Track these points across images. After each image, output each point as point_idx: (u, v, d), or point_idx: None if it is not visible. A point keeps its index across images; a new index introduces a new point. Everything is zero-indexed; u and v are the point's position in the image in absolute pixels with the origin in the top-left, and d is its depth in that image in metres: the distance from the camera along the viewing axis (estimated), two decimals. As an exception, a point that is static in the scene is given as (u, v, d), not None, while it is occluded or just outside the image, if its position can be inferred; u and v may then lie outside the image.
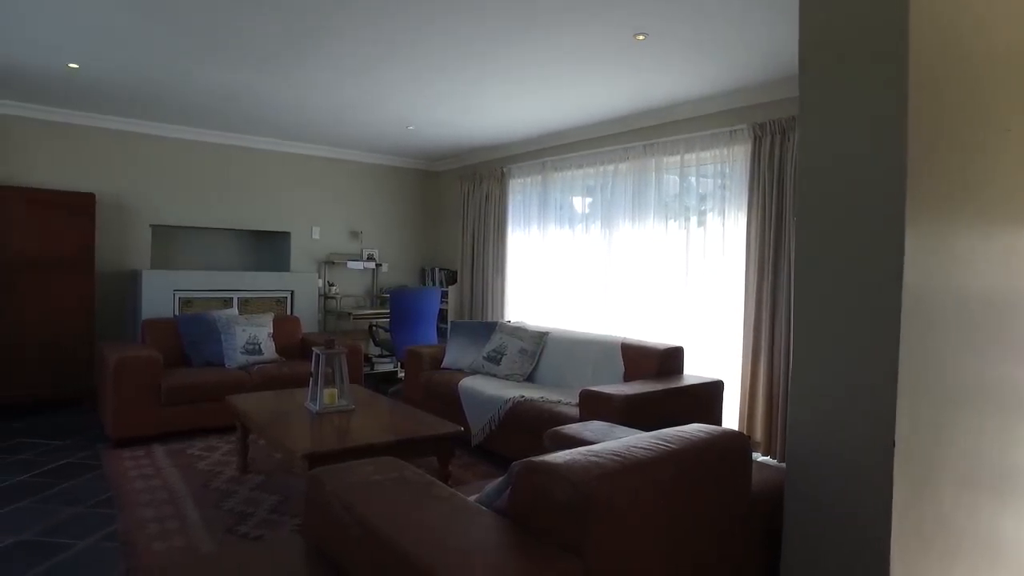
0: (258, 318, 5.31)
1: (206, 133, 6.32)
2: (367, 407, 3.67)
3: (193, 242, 6.58)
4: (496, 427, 4.13)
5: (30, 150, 5.55)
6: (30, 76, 4.63)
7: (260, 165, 6.74)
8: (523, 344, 4.86)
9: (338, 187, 7.28)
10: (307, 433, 3.14)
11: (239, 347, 5.03)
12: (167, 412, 4.47)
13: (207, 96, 5.08)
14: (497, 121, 5.70)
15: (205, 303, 5.99)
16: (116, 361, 4.30)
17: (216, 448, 4.35)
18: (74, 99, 5.25)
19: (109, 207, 5.80)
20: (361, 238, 7.40)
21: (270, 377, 4.86)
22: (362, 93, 4.89)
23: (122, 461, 4.04)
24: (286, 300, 6.48)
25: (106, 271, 5.79)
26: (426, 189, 7.97)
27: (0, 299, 4.99)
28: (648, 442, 1.69)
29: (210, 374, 4.74)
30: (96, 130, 5.82)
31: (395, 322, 6.07)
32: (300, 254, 7.03)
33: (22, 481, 3.70)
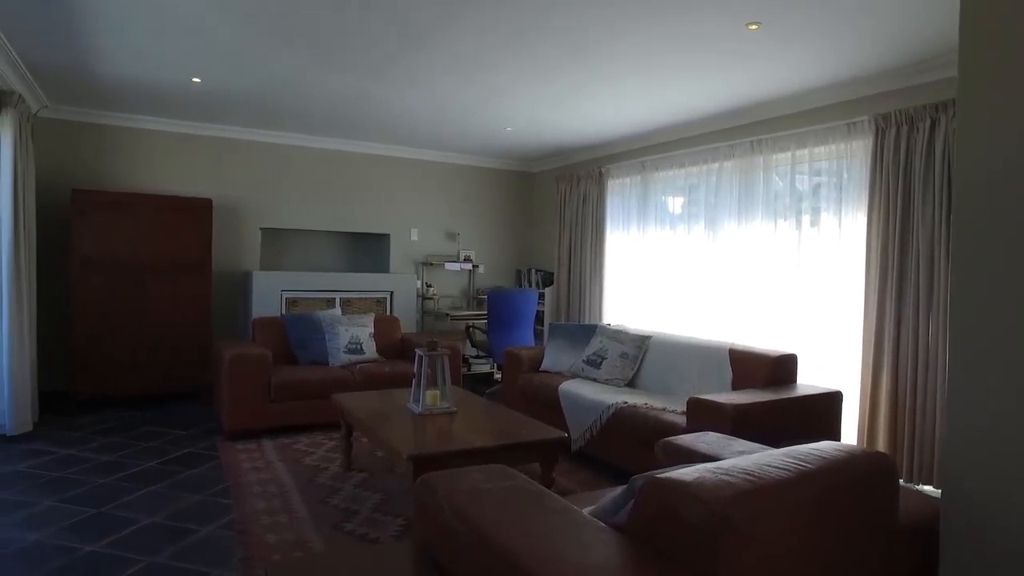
0: (359, 318, 5.45)
1: (313, 139, 6.57)
2: (468, 409, 3.66)
3: (299, 244, 6.85)
4: (597, 433, 4.02)
5: (156, 159, 5.96)
6: (158, 91, 4.95)
7: (362, 169, 6.94)
8: (624, 348, 4.73)
9: (436, 189, 7.39)
10: (411, 434, 3.15)
11: (342, 346, 5.17)
12: (276, 408, 4.65)
13: (318, 104, 5.26)
14: (596, 120, 5.60)
15: (309, 303, 6.22)
16: (230, 358, 4.51)
17: (321, 444, 4.48)
18: (195, 111, 5.58)
19: (224, 211, 6.13)
20: (458, 239, 7.48)
21: (371, 376, 4.96)
22: (465, 95, 4.92)
23: (236, 453, 4.23)
24: (386, 301, 6.63)
25: (221, 271, 6.13)
26: (522, 190, 7.96)
27: (131, 298, 5.37)
28: (781, 460, 1.54)
29: (315, 372, 4.90)
30: (213, 139, 6.17)
31: (492, 323, 6.08)
32: (399, 255, 7.17)
33: (153, 467, 3.94)
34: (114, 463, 4.01)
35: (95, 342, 5.25)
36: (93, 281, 5.24)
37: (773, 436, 3.05)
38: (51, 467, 3.92)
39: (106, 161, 5.78)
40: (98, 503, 3.37)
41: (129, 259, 5.36)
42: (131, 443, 4.42)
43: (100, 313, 5.27)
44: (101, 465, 3.97)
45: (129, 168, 5.86)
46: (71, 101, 5.37)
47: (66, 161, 5.61)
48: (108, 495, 3.49)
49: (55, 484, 3.65)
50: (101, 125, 5.74)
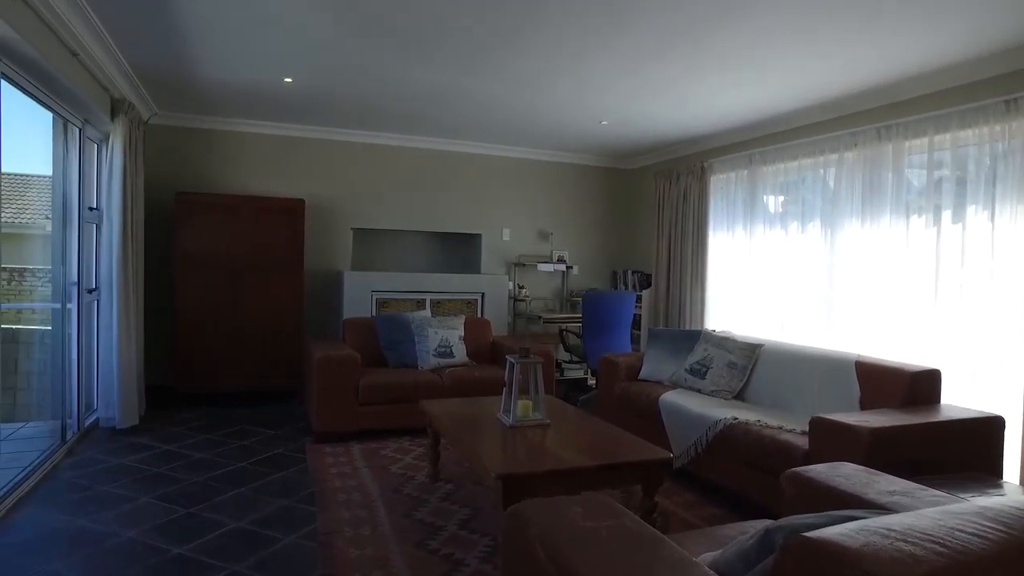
0: (450, 320, 5.30)
1: (404, 138, 6.51)
2: (562, 421, 3.39)
3: (390, 244, 6.82)
4: (703, 450, 3.66)
5: (253, 161, 6.08)
6: (252, 93, 4.99)
7: (453, 167, 6.82)
8: (732, 357, 4.32)
9: (528, 188, 7.17)
10: (500, 449, 2.93)
11: (431, 349, 5.04)
12: (364, 411, 4.56)
13: (408, 101, 5.16)
14: (699, 111, 5.19)
15: (399, 304, 6.15)
16: (319, 359, 4.46)
17: (408, 451, 4.34)
18: (288, 112, 5.63)
19: (317, 211, 6.17)
20: (551, 239, 7.23)
21: (461, 381, 4.80)
22: (559, 87, 4.66)
23: (323, 457, 4.17)
24: (476, 302, 6.48)
25: (314, 271, 6.17)
26: (618, 188, 7.61)
27: (228, 296, 5.48)
28: (975, 523, 1.18)
29: (404, 375, 4.78)
30: (305, 140, 6.23)
31: (587, 327, 5.79)
32: (490, 256, 7.01)
33: (243, 468, 3.93)
34: (208, 461, 4.03)
35: (195, 339, 5.38)
36: (194, 280, 5.38)
37: (917, 468, 2.60)
38: (152, 462, 3.99)
39: (207, 164, 5.94)
40: (189, 503, 3.36)
41: (227, 259, 5.47)
42: (225, 441, 4.46)
43: (200, 311, 5.39)
44: (196, 463, 4.00)
45: (228, 170, 6.00)
46: (176, 108, 5.54)
47: (172, 165, 5.80)
48: (199, 495, 3.48)
49: (154, 480, 3.69)
50: (203, 130, 5.91)
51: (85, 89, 3.97)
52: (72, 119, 4.25)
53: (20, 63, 3.30)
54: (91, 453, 4.16)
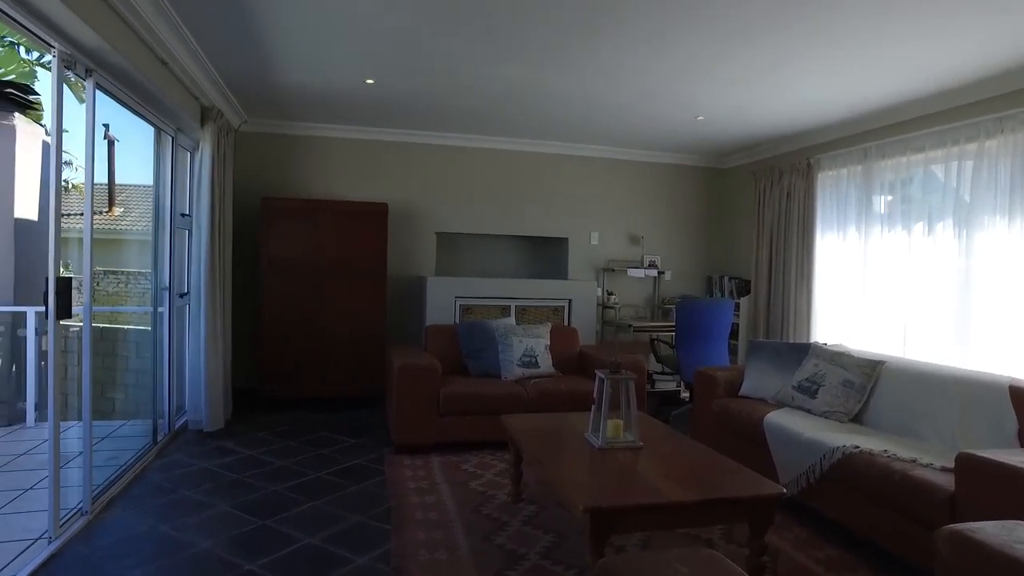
0: (535, 328, 5.06)
1: (488, 140, 6.34)
2: (657, 443, 3.07)
3: (474, 249, 6.66)
4: (816, 480, 3.23)
5: (336, 166, 6.08)
6: (335, 96, 4.95)
7: (538, 169, 6.59)
8: (848, 375, 3.84)
9: (618, 190, 6.84)
10: (588, 476, 2.64)
11: (516, 359, 4.81)
12: (445, 422, 4.39)
13: (491, 101, 4.98)
14: (805, 101, 4.71)
15: (484, 311, 5.97)
16: (399, 368, 4.32)
17: (490, 466, 4.12)
18: (370, 115, 5.58)
19: (400, 215, 6.09)
20: (642, 243, 6.86)
21: (546, 393, 4.54)
22: (649, 79, 4.33)
23: (402, 469, 4.01)
24: (563, 309, 6.21)
25: (397, 277, 6.09)
26: (713, 189, 7.14)
27: (312, 301, 5.47)
28: None
29: (486, 386, 4.57)
30: (388, 143, 6.17)
31: (681, 337, 5.40)
32: (578, 261, 6.72)
33: (320, 479, 3.83)
34: (287, 470, 3.97)
35: (280, 344, 5.39)
36: (278, 285, 5.40)
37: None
38: (234, 468, 3.97)
39: (292, 169, 5.99)
40: (265, 514, 3.28)
41: (310, 263, 5.46)
42: (305, 449, 4.40)
43: (284, 315, 5.41)
44: (276, 471, 3.94)
45: (312, 175, 6.03)
46: (264, 114, 5.61)
47: (260, 171, 5.89)
48: (276, 505, 3.40)
49: (233, 487, 3.65)
50: (288, 135, 5.97)
51: (175, 97, 4.01)
52: (165, 127, 4.32)
53: (113, 73, 3.33)
54: (179, 455, 4.20)
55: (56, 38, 2.86)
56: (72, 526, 3.06)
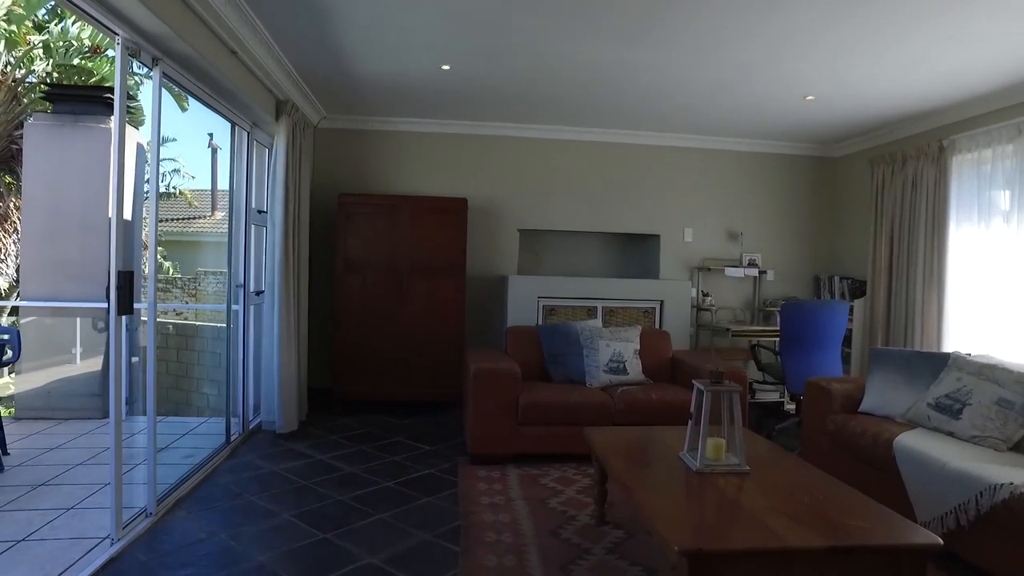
0: (623, 332, 4.65)
1: (571, 131, 5.98)
2: (765, 468, 2.61)
3: (558, 247, 6.31)
4: (968, 522, 2.66)
5: (414, 160, 5.89)
6: (410, 86, 4.73)
7: (628, 162, 6.16)
8: (1003, 392, 3.20)
9: (714, 182, 6.30)
10: (684, 507, 2.24)
11: (602, 364, 4.42)
12: (523, 431, 4.06)
13: (574, 88, 4.63)
14: (937, 74, 4.06)
15: (568, 312, 5.60)
16: (476, 372, 4.03)
17: (571, 481, 3.75)
18: (447, 107, 5.35)
19: (480, 212, 5.83)
20: (741, 240, 6.28)
21: (635, 404, 4.12)
22: (749, 53, 3.85)
23: (476, 482, 3.71)
24: (654, 311, 5.74)
25: (476, 275, 5.82)
26: (821, 179, 6.46)
27: (388, 301, 5.28)
28: None
29: (570, 393, 4.21)
30: (467, 137, 5.93)
31: (786, 343, 4.83)
32: (670, 259, 6.24)
33: (389, 489, 3.60)
34: (356, 477, 3.75)
35: (355, 344, 5.24)
36: (354, 283, 5.25)
37: None
38: (303, 473, 3.80)
39: (370, 165, 5.85)
40: (327, 526, 3.06)
41: (387, 262, 5.28)
42: (377, 455, 4.18)
43: (359, 315, 5.25)
44: (344, 478, 3.74)
45: (389, 171, 5.87)
46: (341, 109, 5.50)
47: (339, 168, 5.79)
48: (339, 517, 3.17)
49: (299, 495, 3.47)
50: (365, 131, 5.84)
51: (248, 90, 3.90)
52: (240, 122, 4.23)
53: (180, 62, 3.22)
54: (250, 457, 4.09)
55: (120, 25, 2.75)
56: (136, 528, 2.96)
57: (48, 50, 7.87)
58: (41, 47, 7.91)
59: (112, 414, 2.79)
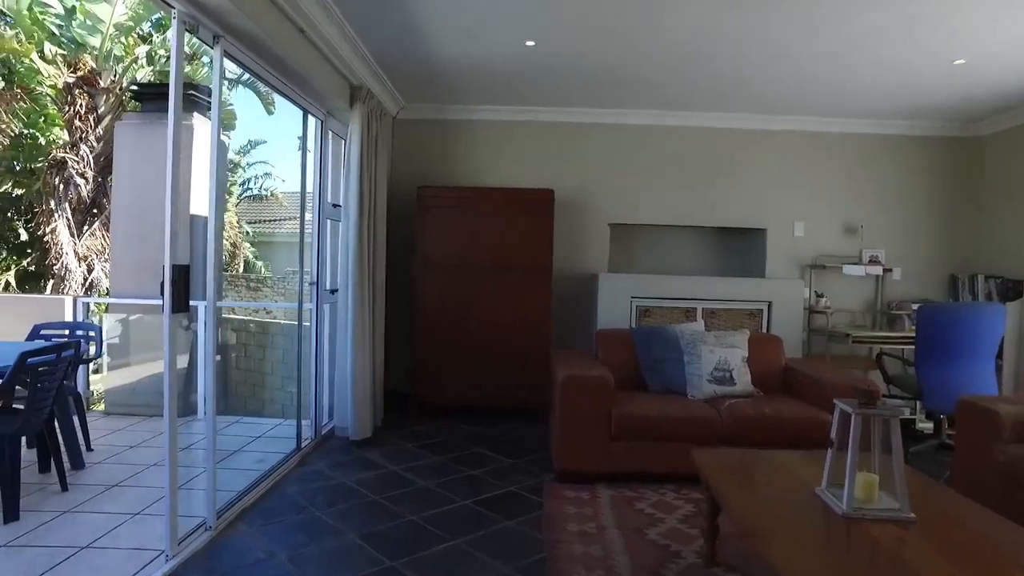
0: (729, 336, 4.10)
1: (666, 115, 5.46)
2: (934, 515, 2.03)
3: (653, 242, 5.80)
4: None
5: (496, 150, 5.57)
6: (492, 67, 4.40)
7: (730, 148, 5.57)
8: None
9: (829, 169, 5.60)
10: (833, 568, 1.73)
11: (706, 373, 3.89)
12: (616, 447, 3.60)
13: (667, 62, 4.15)
14: None
15: (664, 313, 5.09)
16: (564, 380, 3.61)
17: (671, 507, 3.26)
18: (532, 92, 5.00)
19: (567, 205, 5.40)
20: (861, 234, 5.55)
21: (745, 420, 3.57)
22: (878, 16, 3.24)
23: (563, 504, 3.29)
24: (761, 314, 5.13)
25: (563, 273, 5.39)
26: (961, 163, 5.61)
27: (468, 300, 4.94)
28: None
29: (669, 405, 3.71)
30: (552, 124, 5.55)
31: (924, 352, 4.12)
32: (778, 256, 5.59)
33: (466, 508, 3.23)
34: (430, 493, 3.42)
35: (433, 346, 4.93)
36: (432, 281, 4.95)
37: None
38: (374, 486, 3.50)
39: (450, 156, 5.57)
40: (396, 552, 2.72)
41: (468, 258, 4.95)
42: (455, 468, 3.84)
43: (438, 315, 4.94)
44: (418, 494, 3.41)
45: (469, 162, 5.57)
46: (419, 97, 5.26)
47: (418, 160, 5.55)
48: (410, 541, 2.83)
49: (368, 512, 3.16)
50: (445, 120, 5.57)
51: (320, 74, 3.64)
52: (312, 109, 4.01)
53: (244, 41, 2.98)
54: (320, 465, 3.84)
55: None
56: (193, 543, 2.74)
57: (150, 59, 8.12)
58: (144, 57, 8.18)
59: (167, 422, 2.56)
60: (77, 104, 7.22)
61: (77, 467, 3.79)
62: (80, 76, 7.23)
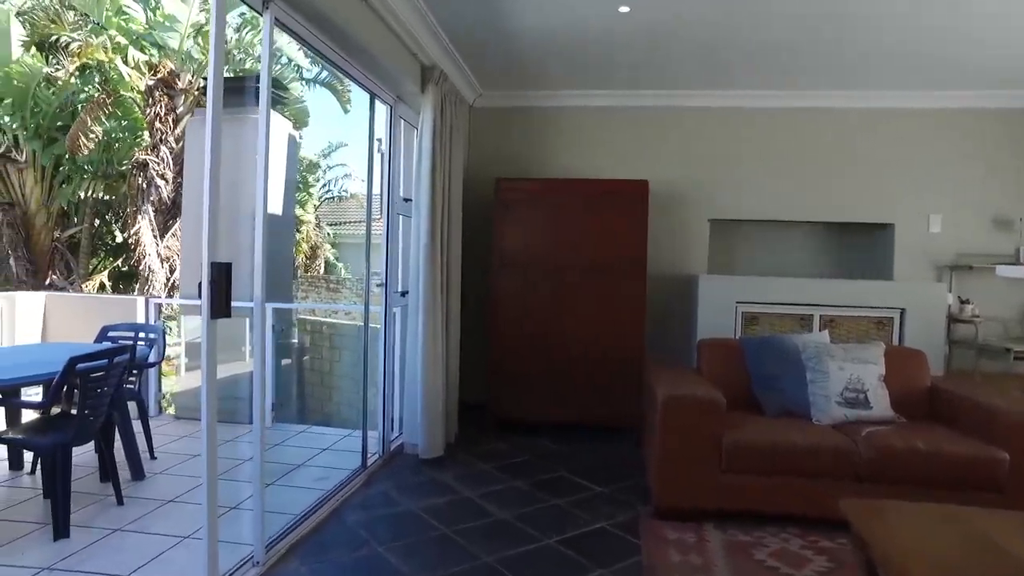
0: (862, 350, 3.43)
1: (775, 96, 4.81)
2: None
3: (760, 240, 5.14)
4: None
5: (582, 140, 5.11)
6: (579, 42, 3.91)
7: (848, 132, 4.85)
8: None
9: (973, 152, 4.77)
10: None
11: (835, 393, 3.25)
12: (728, 480, 3.02)
13: (780, 31, 3.54)
14: None
15: (775, 321, 4.44)
16: (665, 400, 3.06)
17: (801, 560, 2.66)
18: (620, 72, 4.49)
19: (660, 200, 4.81)
20: (1019, 229, 4.68)
21: (891, 453, 2.90)
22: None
23: (665, 548, 2.74)
24: (891, 323, 4.39)
25: (656, 274, 4.80)
26: None
27: (550, 303, 4.46)
28: None
29: (791, 431, 3.09)
30: (644, 110, 5.03)
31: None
32: (909, 255, 4.81)
33: (549, 549, 2.75)
34: (508, 528, 2.95)
35: (511, 354, 4.47)
36: (510, 283, 4.49)
37: None
38: (444, 516, 3.07)
39: (532, 146, 5.14)
40: (466, 607, 2.27)
41: (551, 257, 4.46)
42: (535, 495, 3.36)
43: (518, 320, 4.48)
44: (494, 528, 2.95)
45: (553, 152, 5.12)
46: (499, 84, 4.88)
47: (496, 151, 5.15)
48: (482, 592, 2.38)
49: (436, 549, 2.74)
50: (528, 107, 5.14)
51: (384, 50, 3.25)
52: (379, 93, 3.63)
53: (298, 8, 2.61)
54: (386, 486, 3.45)
55: (219, -46, 2.17)
56: (238, 582, 2.38)
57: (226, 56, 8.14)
58: (221, 55, 8.18)
59: (204, 447, 2.19)
60: (157, 106, 7.26)
61: (137, 477, 3.57)
62: (159, 78, 7.27)
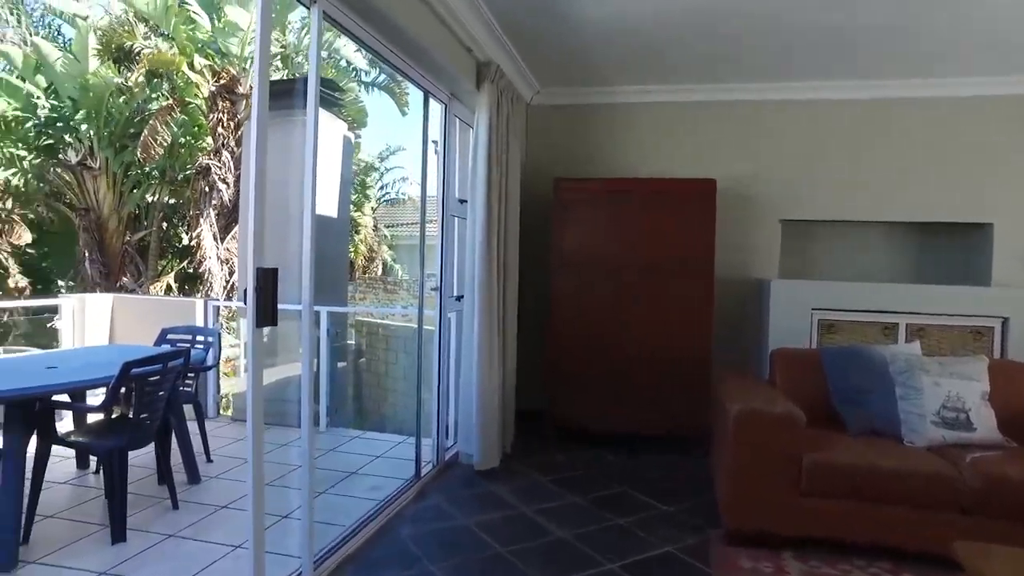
0: (960, 364, 3.09)
1: (854, 86, 4.47)
2: None
3: (836, 242, 4.79)
4: None
5: (643, 137, 4.87)
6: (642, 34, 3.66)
7: (938, 123, 4.46)
8: None
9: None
10: None
11: (930, 412, 2.93)
12: (808, 505, 2.75)
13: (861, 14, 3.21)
14: None
15: (856, 329, 4.11)
16: (737, 415, 2.81)
17: (898, 601, 2.39)
18: (685, 63, 4.23)
19: (728, 199, 4.52)
20: None
21: (1003, 483, 2.57)
22: None
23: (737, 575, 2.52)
24: (991, 333, 3.99)
25: (723, 278, 4.51)
26: None
27: (617, 309, 4.24)
28: None
29: (880, 454, 2.80)
30: (710, 105, 4.76)
31: None
32: (1010, 258, 4.37)
33: (610, 574, 2.55)
34: (566, 548, 2.77)
35: (571, 360, 4.28)
36: (570, 286, 4.30)
37: None
38: (499, 533, 2.91)
39: (591, 145, 4.92)
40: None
41: (612, 259, 4.25)
42: (595, 513, 3.17)
43: (577, 325, 4.28)
44: (551, 548, 2.77)
45: (613, 150, 4.89)
46: (555, 79, 4.68)
47: (555, 150, 4.96)
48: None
49: (491, 569, 2.59)
50: (585, 104, 4.94)
51: (437, 45, 3.11)
52: (433, 90, 3.50)
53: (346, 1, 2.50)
54: (439, 499, 3.32)
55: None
56: (284, 600, 2.28)
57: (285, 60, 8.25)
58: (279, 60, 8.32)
59: (251, 458, 2.09)
60: (220, 111, 7.39)
61: (193, 481, 3.57)
62: (222, 84, 7.40)
